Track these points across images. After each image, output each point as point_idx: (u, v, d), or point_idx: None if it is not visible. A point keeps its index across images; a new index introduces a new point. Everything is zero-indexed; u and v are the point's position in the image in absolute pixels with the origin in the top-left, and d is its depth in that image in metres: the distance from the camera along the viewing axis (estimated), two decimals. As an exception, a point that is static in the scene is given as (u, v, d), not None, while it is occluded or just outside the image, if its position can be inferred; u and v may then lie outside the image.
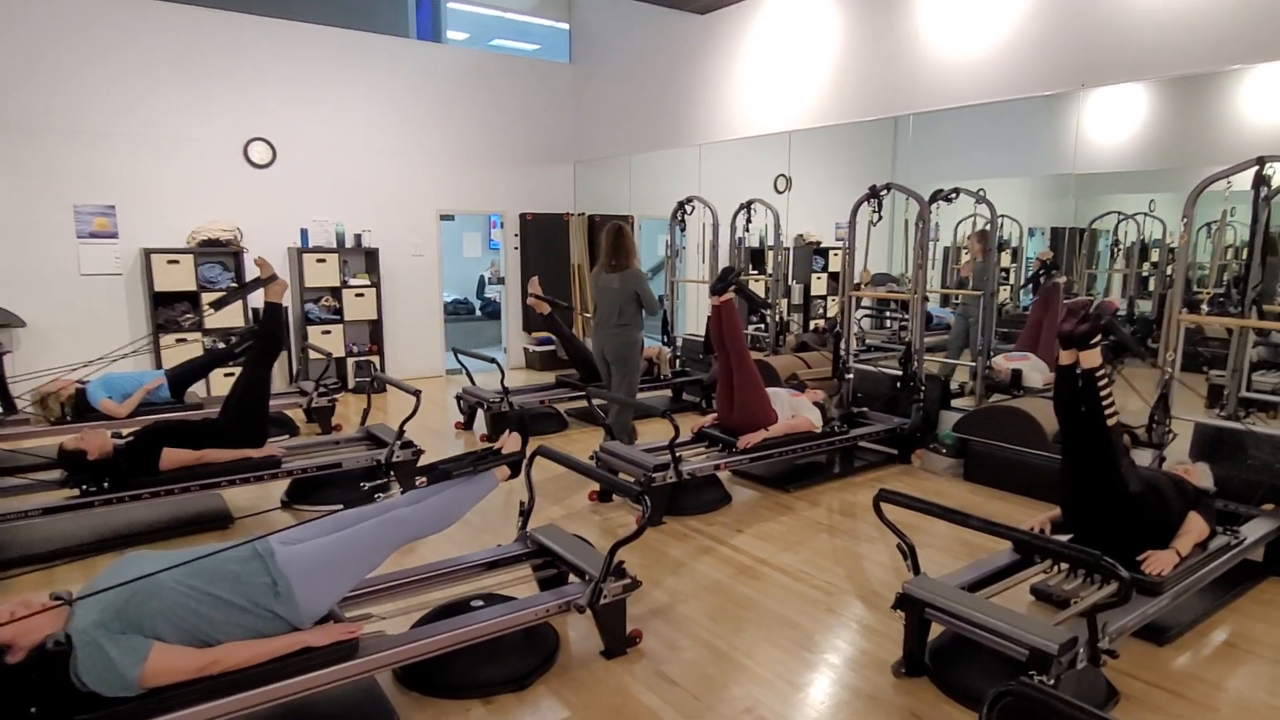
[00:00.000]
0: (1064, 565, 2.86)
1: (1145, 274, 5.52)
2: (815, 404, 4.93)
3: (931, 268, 5.63)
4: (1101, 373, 2.74)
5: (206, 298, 6.66)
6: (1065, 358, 2.80)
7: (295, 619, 2.22)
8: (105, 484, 3.68)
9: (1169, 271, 5.42)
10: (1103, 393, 2.73)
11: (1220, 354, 4.85)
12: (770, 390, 4.86)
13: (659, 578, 3.54)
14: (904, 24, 5.63)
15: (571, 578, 2.96)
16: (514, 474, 2.89)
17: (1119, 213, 5.52)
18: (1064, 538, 3.04)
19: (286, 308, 4.41)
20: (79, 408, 5.05)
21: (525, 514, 3.17)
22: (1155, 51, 4.33)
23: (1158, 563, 2.73)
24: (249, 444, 4.11)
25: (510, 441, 2.90)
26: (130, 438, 3.90)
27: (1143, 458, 4.17)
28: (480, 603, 2.75)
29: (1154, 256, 5.45)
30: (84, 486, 3.65)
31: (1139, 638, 2.89)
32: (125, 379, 5.26)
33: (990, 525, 2.45)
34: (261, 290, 4.26)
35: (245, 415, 4.16)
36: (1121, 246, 5.60)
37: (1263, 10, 3.91)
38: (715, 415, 4.82)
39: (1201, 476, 3.27)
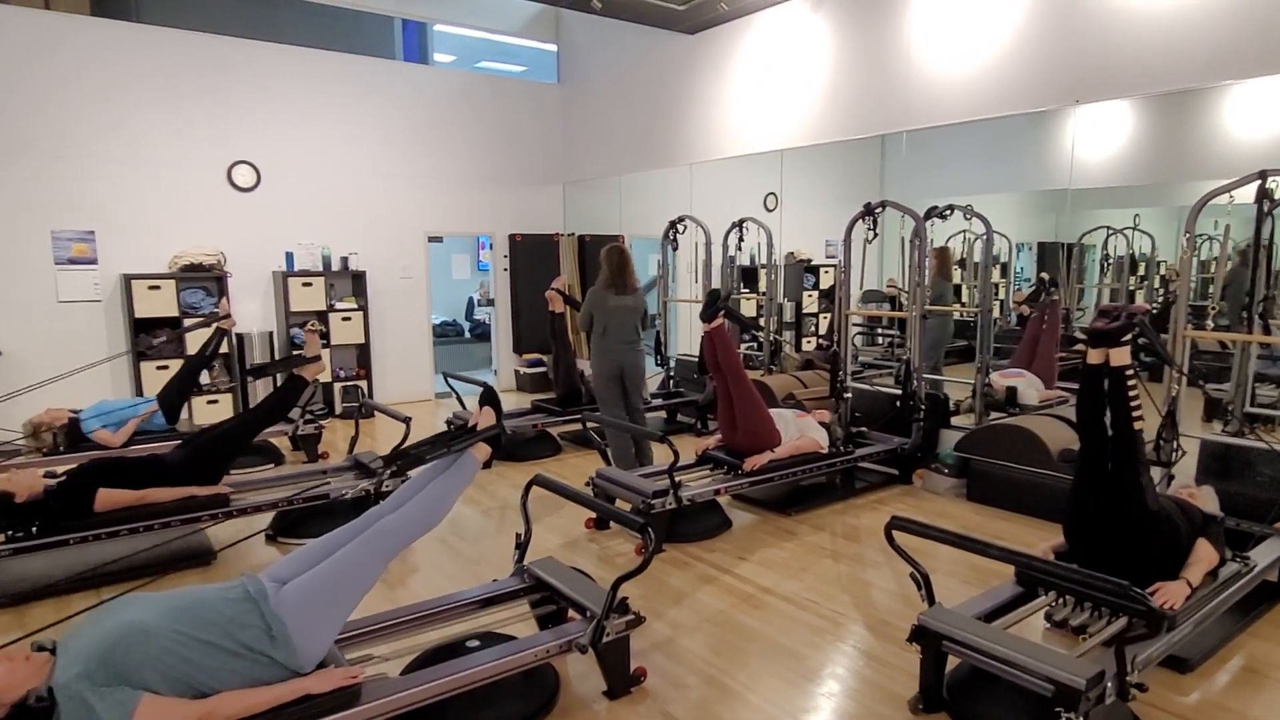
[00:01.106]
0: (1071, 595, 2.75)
1: (1132, 288, 5.52)
2: (821, 424, 4.84)
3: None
4: (1131, 372, 2.66)
5: (188, 322, 6.51)
6: (1094, 356, 2.73)
7: (294, 663, 2.10)
8: (34, 528, 3.46)
9: (1171, 287, 5.43)
10: (1131, 393, 2.65)
11: (1214, 367, 4.81)
12: (775, 411, 4.78)
13: (660, 609, 3.41)
14: (895, 41, 5.62)
15: (571, 613, 2.84)
16: (494, 450, 2.71)
17: (1108, 228, 5.52)
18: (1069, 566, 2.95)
19: (312, 383, 4.38)
20: (72, 437, 4.92)
21: (521, 546, 3.05)
22: (1148, 67, 4.31)
23: (1168, 595, 2.61)
24: (200, 482, 3.88)
25: (484, 417, 2.72)
26: (64, 477, 3.67)
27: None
28: (476, 643, 2.62)
29: (1141, 270, 5.45)
30: (9, 532, 3.41)
31: (1159, 667, 2.79)
32: (120, 407, 5.15)
33: (1010, 554, 2.35)
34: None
35: (208, 456, 3.96)
36: (1112, 261, 5.59)
37: (1254, 27, 3.89)
38: (718, 437, 4.72)
39: (1207, 500, 3.17)
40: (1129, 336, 2.67)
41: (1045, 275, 5.58)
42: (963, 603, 2.80)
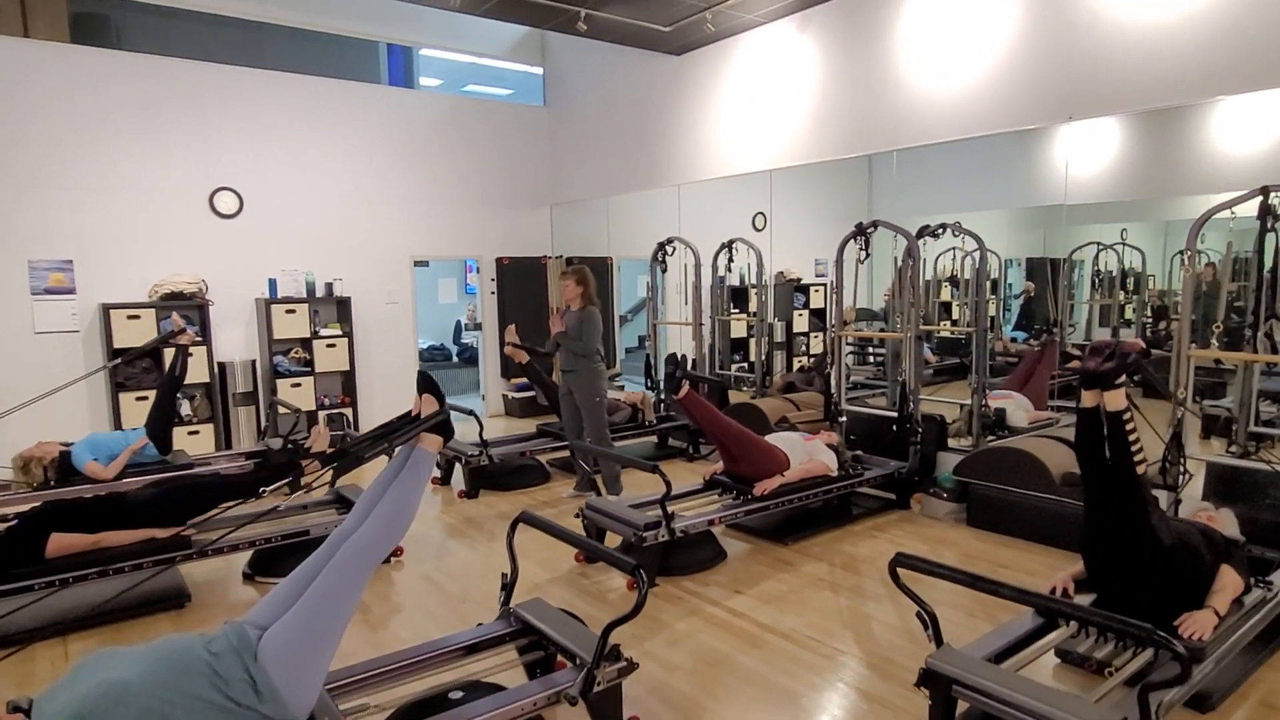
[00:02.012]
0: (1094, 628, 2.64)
1: (1122, 302, 5.47)
2: (829, 446, 4.73)
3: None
4: (1128, 415, 2.55)
5: (143, 344, 6.29)
6: (1088, 399, 2.61)
7: (285, 716, 1.97)
8: None
9: (1175, 305, 5.38)
10: (1130, 436, 2.54)
11: (1210, 383, 4.74)
12: (783, 434, 4.69)
13: (654, 649, 3.27)
14: (884, 60, 5.57)
15: (561, 658, 2.69)
16: (445, 439, 2.48)
17: (1098, 243, 5.48)
18: (1089, 598, 2.84)
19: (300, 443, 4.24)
20: (63, 471, 4.77)
21: (508, 588, 2.90)
22: (1141, 83, 4.26)
23: (1197, 625, 2.51)
24: (163, 524, 3.68)
25: (425, 405, 2.50)
26: (14, 521, 3.48)
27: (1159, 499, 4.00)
28: (460, 693, 2.47)
29: (1129, 285, 5.41)
30: None
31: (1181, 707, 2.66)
32: (111, 440, 5.03)
33: (1025, 594, 2.22)
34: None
35: (177, 503, 3.76)
36: (1103, 276, 5.55)
37: (1245, 43, 3.85)
38: (720, 465, 4.62)
39: (1227, 524, 3.07)
40: (1123, 379, 2.55)
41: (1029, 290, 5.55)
42: (973, 642, 2.66)
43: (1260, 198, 3.33)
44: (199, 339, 6.48)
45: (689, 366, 6.90)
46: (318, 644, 2.10)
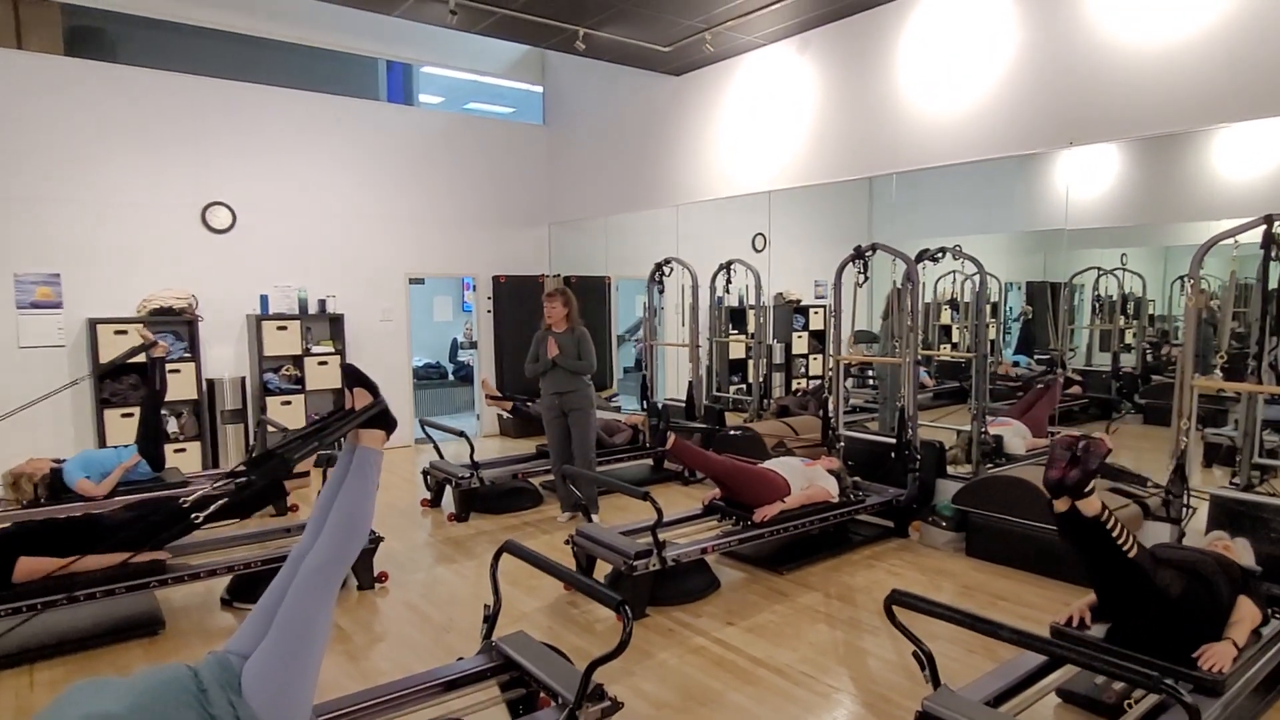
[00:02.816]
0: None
1: (1122, 327, 5.42)
2: (830, 472, 4.64)
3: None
4: (1105, 516, 2.47)
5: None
6: (1060, 505, 2.52)
7: None
8: None
9: (1175, 331, 5.32)
10: (1114, 533, 2.47)
11: (1211, 410, 4.66)
12: (783, 460, 4.61)
13: (641, 684, 3.15)
14: (884, 84, 5.53)
15: (544, 695, 2.58)
16: (387, 432, 2.29)
17: (1099, 268, 5.43)
18: (1104, 628, 2.75)
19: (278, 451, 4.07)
20: (54, 488, 4.69)
21: (490, 620, 2.79)
22: (1143, 109, 4.22)
23: (1217, 657, 2.45)
24: (137, 546, 3.51)
25: (358, 398, 2.29)
26: None
27: (1160, 532, 3.91)
28: (436, 734, 2.36)
29: (1129, 310, 5.36)
30: None
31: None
32: (103, 457, 4.96)
33: (1026, 638, 2.12)
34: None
35: (154, 526, 3.57)
36: (1104, 301, 5.49)
37: (1245, 71, 3.80)
38: (717, 491, 4.53)
39: (1243, 553, 3.00)
40: (1091, 486, 2.45)
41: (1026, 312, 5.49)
42: (971, 683, 2.56)
43: (1265, 226, 3.27)
44: (171, 351, 6.38)
45: (687, 390, 6.84)
46: (297, 670, 2.01)
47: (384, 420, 2.27)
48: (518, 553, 2.75)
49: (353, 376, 2.33)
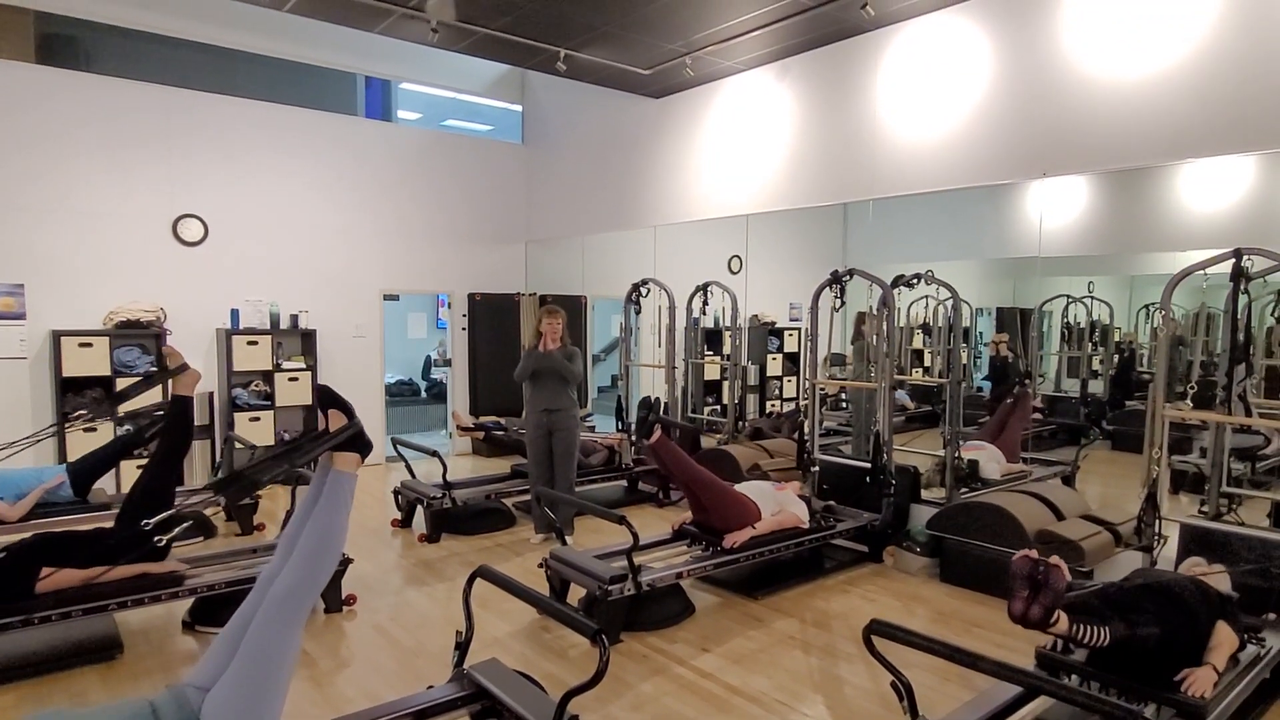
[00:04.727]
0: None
1: (1090, 354, 5.51)
2: (800, 497, 4.63)
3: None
4: (1074, 630, 2.49)
5: (121, 383, 6.11)
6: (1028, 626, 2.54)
7: None
8: None
9: (1140, 358, 5.42)
10: (1086, 640, 2.51)
11: (1176, 437, 4.73)
12: (754, 484, 4.58)
13: (617, 713, 3.10)
14: (862, 112, 5.61)
15: (515, 726, 2.51)
16: (362, 454, 2.24)
17: (1068, 295, 5.53)
18: (1085, 652, 2.76)
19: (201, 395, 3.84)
20: None
21: (462, 647, 2.73)
22: (1114, 143, 4.31)
23: (1198, 683, 2.50)
24: (147, 557, 3.52)
25: (333, 420, 2.24)
26: (3, 555, 3.33)
27: (1132, 560, 3.94)
28: (405, 766, 2.29)
29: (1096, 337, 5.46)
30: None
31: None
32: (22, 476, 4.66)
33: (1006, 669, 2.11)
34: (171, 382, 3.78)
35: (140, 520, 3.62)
36: (1073, 328, 5.59)
37: (1213, 107, 3.91)
38: (689, 515, 4.49)
39: (1220, 579, 3.04)
40: (1055, 618, 2.47)
41: (1004, 343, 5.56)
42: (949, 714, 2.55)
43: (1234, 259, 3.34)
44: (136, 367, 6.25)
45: (661, 410, 6.82)
46: (261, 702, 1.95)
47: (359, 443, 2.22)
48: (492, 578, 2.70)
49: (327, 398, 2.28)
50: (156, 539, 2.60)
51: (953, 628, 3.94)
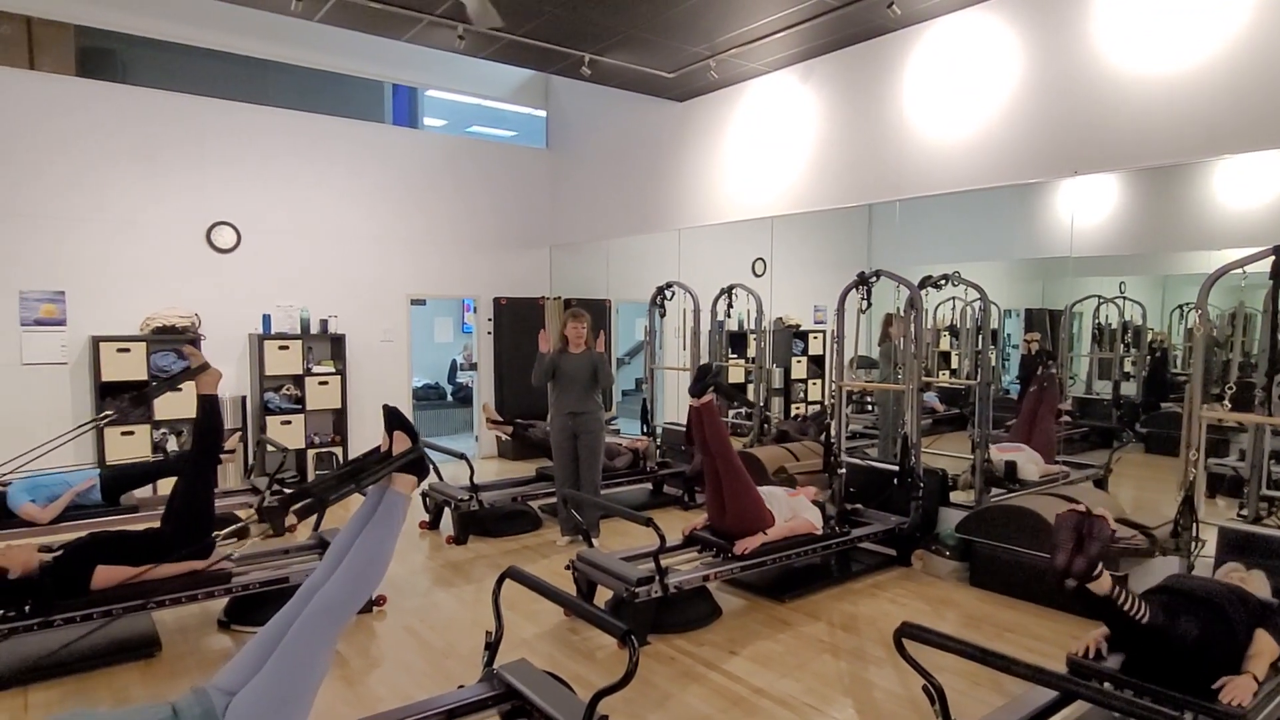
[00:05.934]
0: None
1: (1122, 355, 5.42)
2: (814, 503, 4.59)
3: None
4: (1116, 592, 2.48)
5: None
6: (1071, 583, 2.53)
7: None
8: (26, 607, 3.22)
9: (1174, 359, 5.31)
10: (1126, 607, 2.49)
11: (1213, 439, 4.64)
12: (766, 489, 4.54)
13: (644, 714, 3.10)
14: (887, 111, 5.58)
15: (545, 726, 2.53)
16: (419, 478, 2.32)
17: (1099, 296, 5.44)
18: (1120, 658, 2.72)
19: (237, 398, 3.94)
20: None
21: (491, 647, 2.76)
22: (1146, 140, 4.24)
23: (1237, 691, 2.43)
24: (194, 556, 3.62)
25: (397, 442, 2.33)
26: (60, 552, 3.44)
27: (1168, 565, 3.87)
28: (437, 765, 2.32)
29: (1129, 338, 5.36)
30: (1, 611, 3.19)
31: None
32: (52, 480, 4.76)
33: (1042, 674, 2.09)
34: (194, 383, 3.85)
35: (189, 525, 3.68)
36: (1104, 329, 5.49)
37: (1249, 102, 3.84)
38: (705, 517, 4.46)
39: (1260, 585, 2.97)
40: (1099, 570, 2.47)
41: (1035, 341, 5.46)
42: (981, 719, 2.52)
43: (1273, 257, 3.27)
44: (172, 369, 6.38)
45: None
46: (288, 711, 1.97)
47: (418, 467, 2.31)
48: (522, 579, 2.72)
49: (395, 420, 2.36)
50: (230, 554, 2.71)
51: (984, 632, 3.90)
